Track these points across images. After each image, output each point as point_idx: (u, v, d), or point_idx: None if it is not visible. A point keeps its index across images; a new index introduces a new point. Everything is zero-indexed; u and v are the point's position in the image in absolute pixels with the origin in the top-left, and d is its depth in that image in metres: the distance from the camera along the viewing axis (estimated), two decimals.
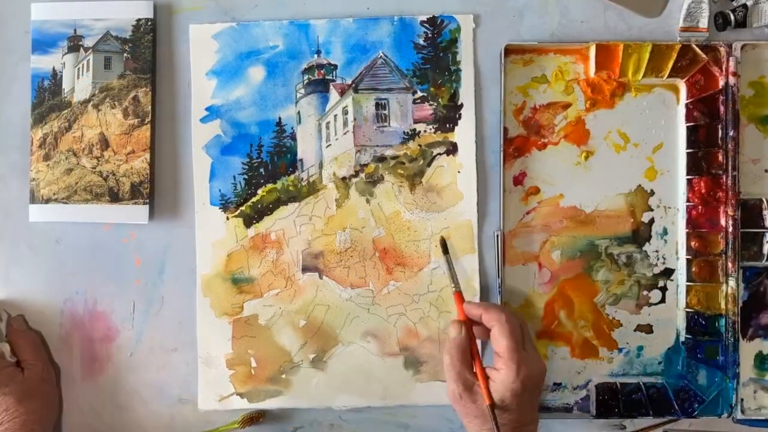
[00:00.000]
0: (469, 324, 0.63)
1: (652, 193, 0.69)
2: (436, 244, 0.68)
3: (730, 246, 0.67)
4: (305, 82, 0.70)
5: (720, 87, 0.67)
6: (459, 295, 0.66)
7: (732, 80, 0.67)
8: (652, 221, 0.69)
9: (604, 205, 0.69)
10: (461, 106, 0.69)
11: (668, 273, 0.69)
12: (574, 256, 0.69)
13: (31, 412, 0.63)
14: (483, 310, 0.62)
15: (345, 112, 0.70)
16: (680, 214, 0.69)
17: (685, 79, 0.68)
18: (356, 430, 0.70)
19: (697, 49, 0.67)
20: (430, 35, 0.69)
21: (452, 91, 0.69)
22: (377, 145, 0.70)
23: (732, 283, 0.67)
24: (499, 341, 0.59)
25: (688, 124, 0.68)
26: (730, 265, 0.67)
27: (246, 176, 0.70)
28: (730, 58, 0.67)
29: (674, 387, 0.68)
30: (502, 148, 0.68)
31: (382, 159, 0.69)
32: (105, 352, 0.70)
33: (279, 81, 0.70)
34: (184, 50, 0.70)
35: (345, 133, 0.70)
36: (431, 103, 0.69)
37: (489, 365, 0.61)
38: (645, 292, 0.69)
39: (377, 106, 0.69)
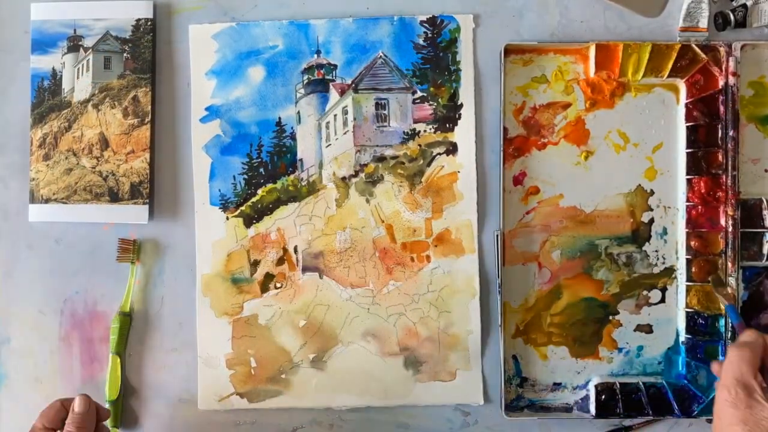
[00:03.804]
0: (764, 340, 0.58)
1: (652, 192, 0.69)
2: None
3: (730, 246, 0.67)
4: (305, 82, 0.70)
5: (720, 87, 0.67)
6: (742, 326, 0.63)
7: (732, 80, 0.67)
8: (651, 221, 0.69)
9: (604, 205, 0.69)
10: (461, 106, 0.69)
11: (668, 273, 0.69)
12: (574, 256, 0.69)
13: None
14: None
15: (345, 112, 0.70)
16: (680, 213, 0.69)
17: (684, 79, 0.68)
18: (356, 430, 0.70)
19: (697, 49, 0.67)
20: (429, 35, 0.69)
21: (452, 91, 0.69)
22: (377, 145, 0.70)
23: (732, 283, 0.67)
24: None
25: (688, 124, 0.68)
26: (730, 265, 0.67)
27: (246, 176, 0.70)
28: (730, 58, 0.67)
29: (674, 387, 0.68)
30: (501, 148, 0.68)
31: (381, 159, 0.69)
32: (105, 352, 0.70)
33: (279, 81, 0.70)
34: (183, 50, 0.70)
35: (345, 133, 0.70)
36: (431, 103, 0.69)
37: None
38: (645, 292, 0.69)
39: (377, 106, 0.70)
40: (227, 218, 0.70)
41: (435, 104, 0.69)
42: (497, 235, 0.68)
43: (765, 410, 0.54)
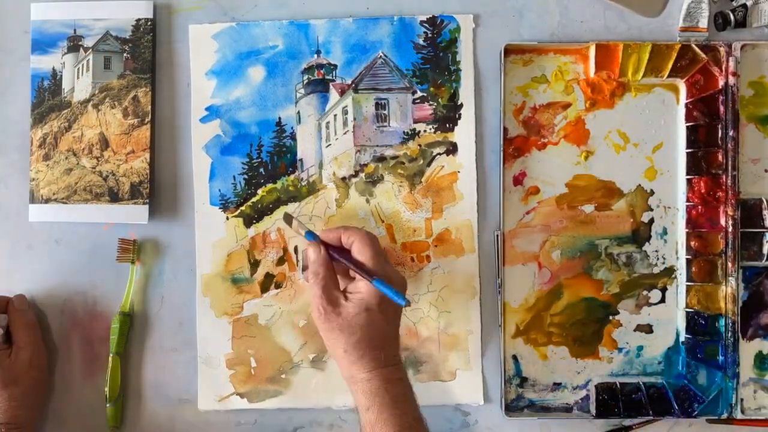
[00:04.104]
0: (325, 243, 0.62)
1: (652, 193, 0.69)
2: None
3: (730, 246, 0.67)
4: (305, 82, 0.70)
5: (720, 87, 0.67)
6: (312, 236, 0.63)
7: (732, 80, 0.67)
8: (652, 221, 0.69)
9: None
10: (461, 106, 0.69)
11: (668, 273, 0.69)
12: (574, 256, 0.69)
13: (13, 398, 0.63)
14: (341, 230, 0.62)
15: (345, 112, 0.70)
16: (680, 214, 0.69)
17: (684, 79, 0.68)
18: (356, 430, 0.70)
19: (697, 49, 0.67)
20: (429, 35, 0.69)
21: (452, 91, 0.69)
22: (377, 145, 0.70)
23: (732, 283, 0.67)
24: (363, 251, 0.60)
25: (688, 124, 0.68)
26: (730, 265, 0.67)
27: (246, 176, 0.70)
28: (730, 58, 0.67)
29: (674, 387, 0.68)
30: (501, 148, 0.68)
31: (381, 159, 0.69)
32: (105, 352, 0.70)
33: (279, 81, 0.70)
34: (183, 50, 0.70)
35: (345, 133, 0.70)
36: (431, 103, 0.69)
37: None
38: (645, 292, 0.69)
39: (377, 106, 0.70)
40: (227, 218, 0.70)
41: (435, 104, 0.69)
42: (497, 235, 0.68)
43: (349, 307, 0.59)
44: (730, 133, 0.67)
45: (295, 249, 0.69)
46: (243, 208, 0.70)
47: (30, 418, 0.65)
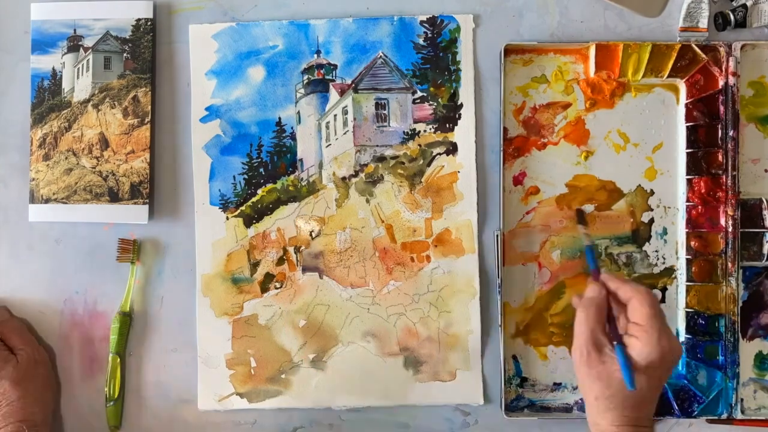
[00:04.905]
0: (606, 288, 0.60)
1: (652, 193, 0.69)
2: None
3: (729, 246, 0.67)
4: (305, 82, 0.70)
5: (720, 87, 0.67)
6: (596, 273, 0.61)
7: (732, 80, 0.67)
8: (652, 221, 0.69)
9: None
10: (461, 106, 0.69)
11: (668, 273, 0.69)
12: (574, 256, 0.69)
13: (28, 395, 0.64)
14: (620, 283, 0.59)
15: (345, 112, 0.70)
16: (680, 214, 0.69)
17: (684, 79, 0.68)
18: (356, 430, 0.70)
19: (697, 49, 0.67)
20: (429, 35, 0.69)
21: (452, 91, 0.69)
22: (377, 145, 0.70)
23: (732, 283, 0.67)
24: (640, 309, 0.56)
25: (688, 124, 0.68)
26: (729, 265, 0.67)
27: (246, 176, 0.70)
28: (730, 58, 0.67)
29: (674, 387, 0.68)
30: (501, 148, 0.68)
31: (381, 159, 0.69)
32: (105, 352, 0.70)
33: (279, 81, 0.70)
34: (183, 50, 0.70)
35: (345, 133, 0.70)
36: (431, 103, 0.69)
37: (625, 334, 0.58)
38: None
39: (377, 106, 0.70)
40: (227, 218, 0.70)
41: (435, 104, 0.69)
42: (497, 235, 0.68)
43: (615, 363, 0.56)
44: (730, 133, 0.67)
45: (296, 249, 0.69)
46: (243, 208, 0.70)
47: (44, 414, 0.66)
